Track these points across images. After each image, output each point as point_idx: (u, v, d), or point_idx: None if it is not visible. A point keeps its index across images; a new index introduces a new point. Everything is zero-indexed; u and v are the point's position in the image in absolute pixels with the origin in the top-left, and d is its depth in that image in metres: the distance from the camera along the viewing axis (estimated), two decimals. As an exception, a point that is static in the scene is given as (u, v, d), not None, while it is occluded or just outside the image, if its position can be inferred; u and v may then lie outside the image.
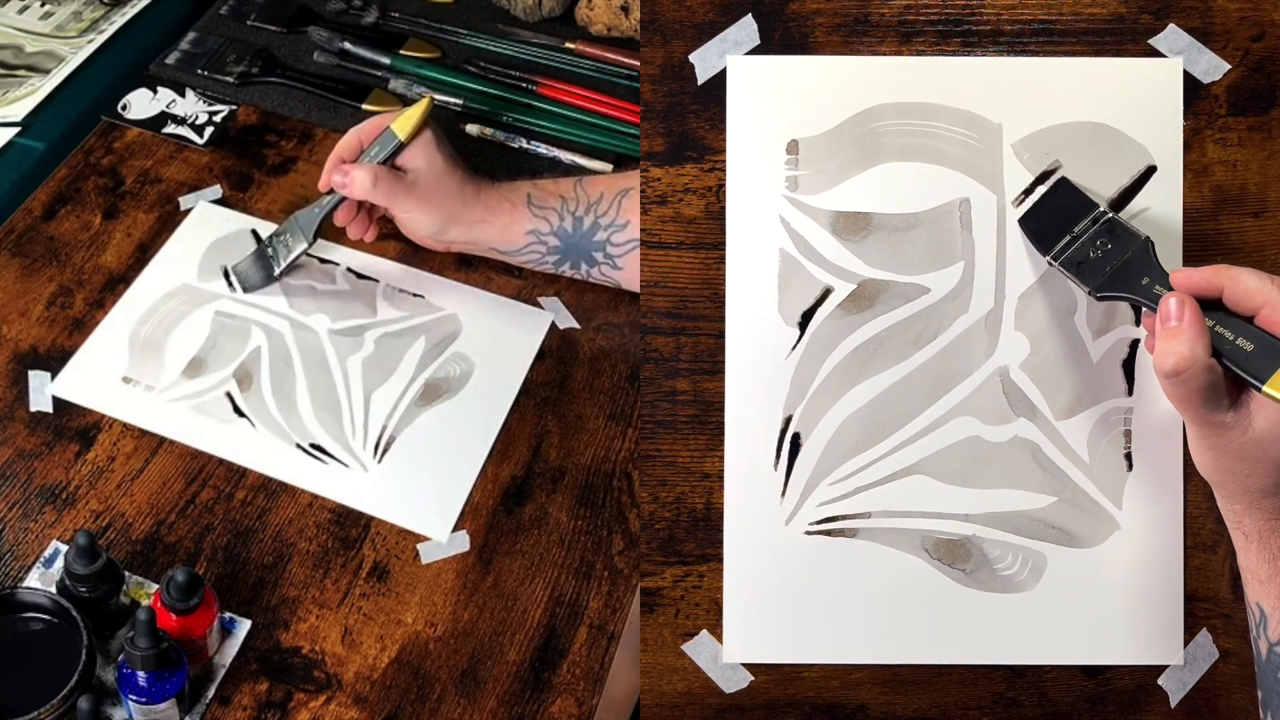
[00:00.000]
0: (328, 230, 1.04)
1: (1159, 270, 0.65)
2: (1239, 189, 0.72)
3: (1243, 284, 0.61)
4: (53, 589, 0.77)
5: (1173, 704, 0.74)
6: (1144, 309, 0.66)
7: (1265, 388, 0.59)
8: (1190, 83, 0.72)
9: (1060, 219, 0.69)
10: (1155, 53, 0.72)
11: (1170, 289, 0.63)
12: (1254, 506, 0.63)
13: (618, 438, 0.93)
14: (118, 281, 0.99)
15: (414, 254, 1.03)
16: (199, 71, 1.16)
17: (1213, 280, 0.62)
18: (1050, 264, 0.69)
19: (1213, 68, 0.72)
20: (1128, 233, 0.67)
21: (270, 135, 1.12)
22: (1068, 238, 0.68)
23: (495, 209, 0.95)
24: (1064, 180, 0.70)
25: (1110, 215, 0.67)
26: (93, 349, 0.94)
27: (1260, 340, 0.60)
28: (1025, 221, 0.71)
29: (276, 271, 0.98)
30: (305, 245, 0.97)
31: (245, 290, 0.98)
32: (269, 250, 0.99)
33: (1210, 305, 0.62)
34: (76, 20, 1.21)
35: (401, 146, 0.94)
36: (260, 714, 0.77)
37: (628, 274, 0.96)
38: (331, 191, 0.97)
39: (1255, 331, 0.60)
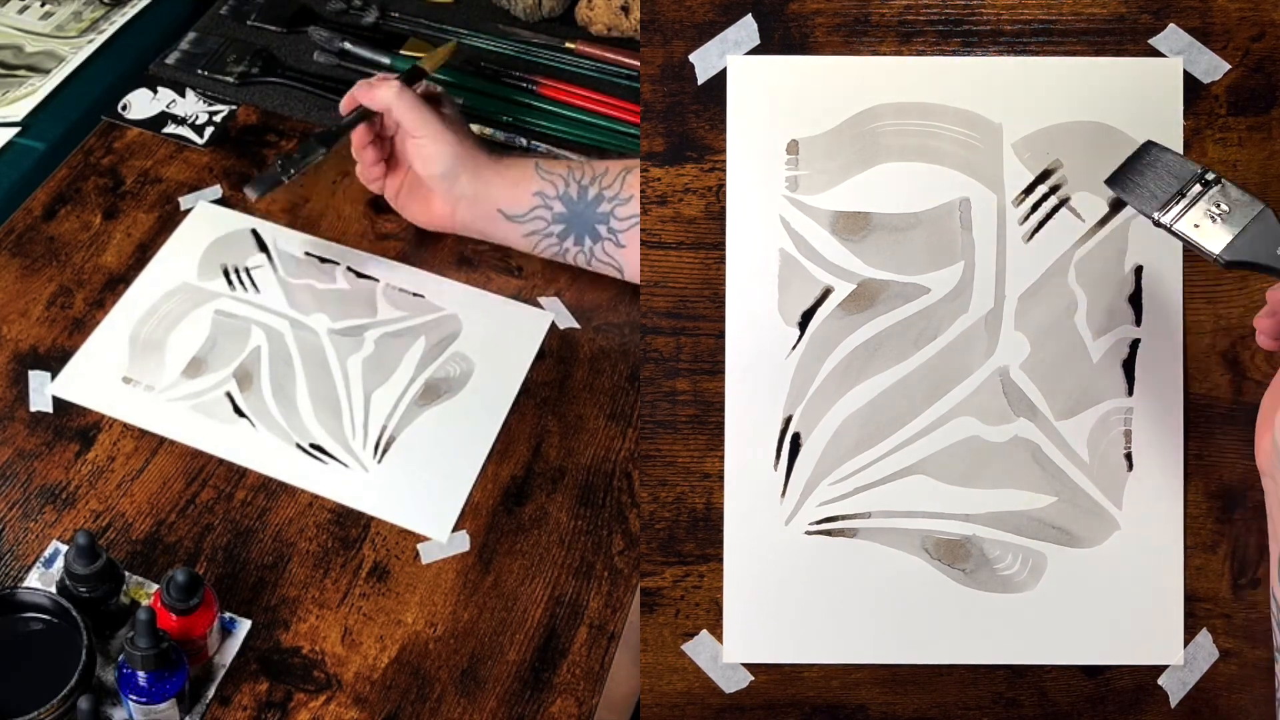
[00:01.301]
0: (326, 230, 1.04)
1: None
2: (1239, 189, 0.72)
3: None
4: (53, 589, 0.77)
5: (1173, 704, 0.74)
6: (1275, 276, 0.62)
7: None
8: (1190, 83, 0.72)
9: (1162, 178, 0.65)
10: (1155, 53, 0.72)
11: None
12: None
13: (618, 438, 0.93)
14: (118, 281, 0.99)
15: (414, 254, 1.03)
16: (199, 71, 1.16)
17: None
18: (1159, 225, 0.64)
19: (1213, 68, 0.72)
20: (1245, 197, 0.63)
21: (270, 135, 1.12)
22: (1178, 198, 0.64)
23: (504, 166, 0.96)
24: (1151, 143, 0.66)
25: (1220, 176, 0.64)
26: (93, 349, 0.94)
27: None
28: (1117, 182, 0.66)
29: (284, 175, 0.97)
30: (324, 153, 0.97)
31: (256, 195, 0.97)
32: (278, 165, 0.97)
33: None
34: (76, 20, 1.21)
35: (424, 75, 0.98)
36: (260, 714, 0.77)
37: (630, 253, 0.95)
38: (350, 114, 0.98)
39: None
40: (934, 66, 0.72)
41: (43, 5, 1.22)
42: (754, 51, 0.71)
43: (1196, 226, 0.63)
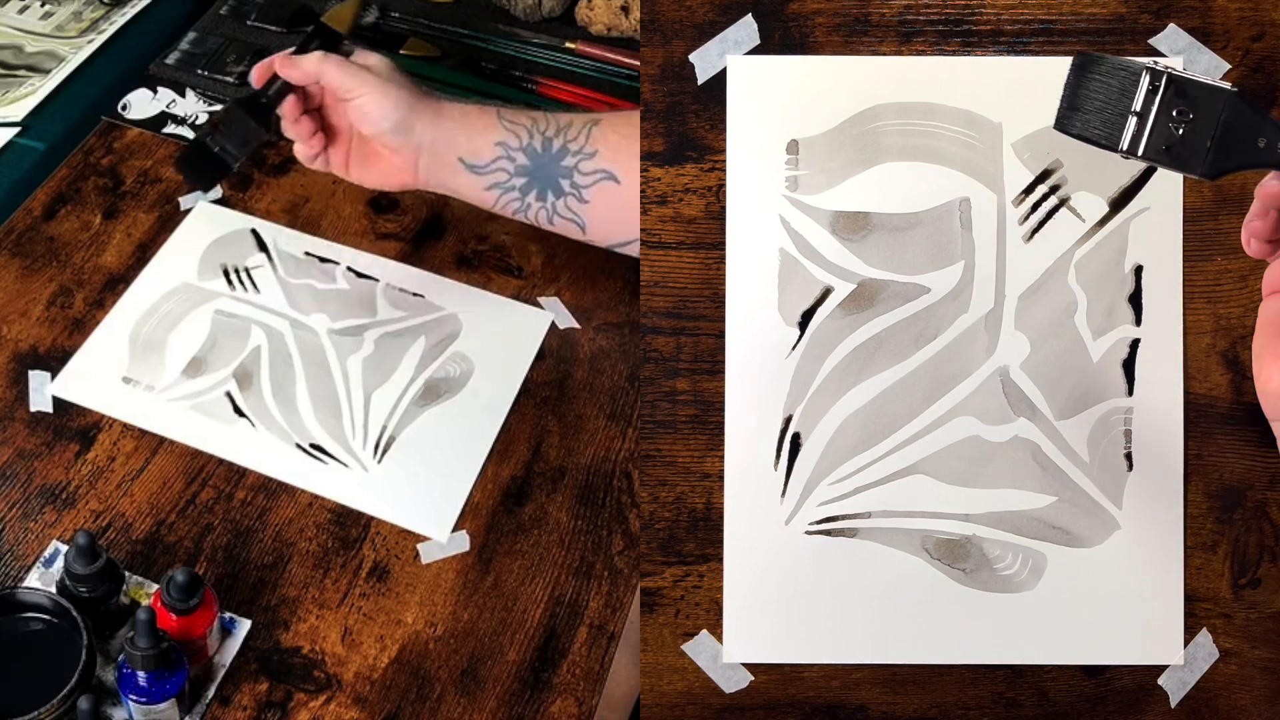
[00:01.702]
0: (326, 230, 1.04)
1: (1269, 122, 0.52)
2: (1239, 189, 0.72)
3: None
4: (53, 589, 0.77)
5: (1173, 704, 0.74)
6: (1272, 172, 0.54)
7: None
8: (1190, 82, 0.72)
9: (1108, 100, 0.54)
10: (1155, 53, 0.71)
11: None
12: None
13: (618, 438, 0.93)
14: (118, 281, 0.99)
15: (414, 254, 1.03)
16: (199, 71, 1.16)
17: None
18: (1127, 157, 0.54)
19: (1213, 68, 0.72)
20: (1205, 89, 0.53)
21: (270, 135, 1.12)
22: (1133, 120, 0.54)
23: (463, 112, 0.91)
24: (1082, 56, 0.56)
25: (1168, 72, 0.53)
26: (93, 349, 0.94)
27: None
28: (1065, 123, 0.56)
29: (235, 162, 0.91)
30: (264, 134, 0.91)
31: (203, 188, 0.91)
32: (211, 146, 0.91)
33: None
34: (76, 20, 1.21)
35: (340, 38, 0.90)
36: (260, 714, 0.77)
37: (593, 209, 0.91)
38: (269, 83, 0.90)
39: None
40: (934, 66, 0.72)
41: (43, 5, 1.22)
42: (754, 51, 0.71)
43: (1167, 149, 0.53)
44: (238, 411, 0.92)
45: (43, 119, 1.11)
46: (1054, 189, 0.72)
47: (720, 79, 0.71)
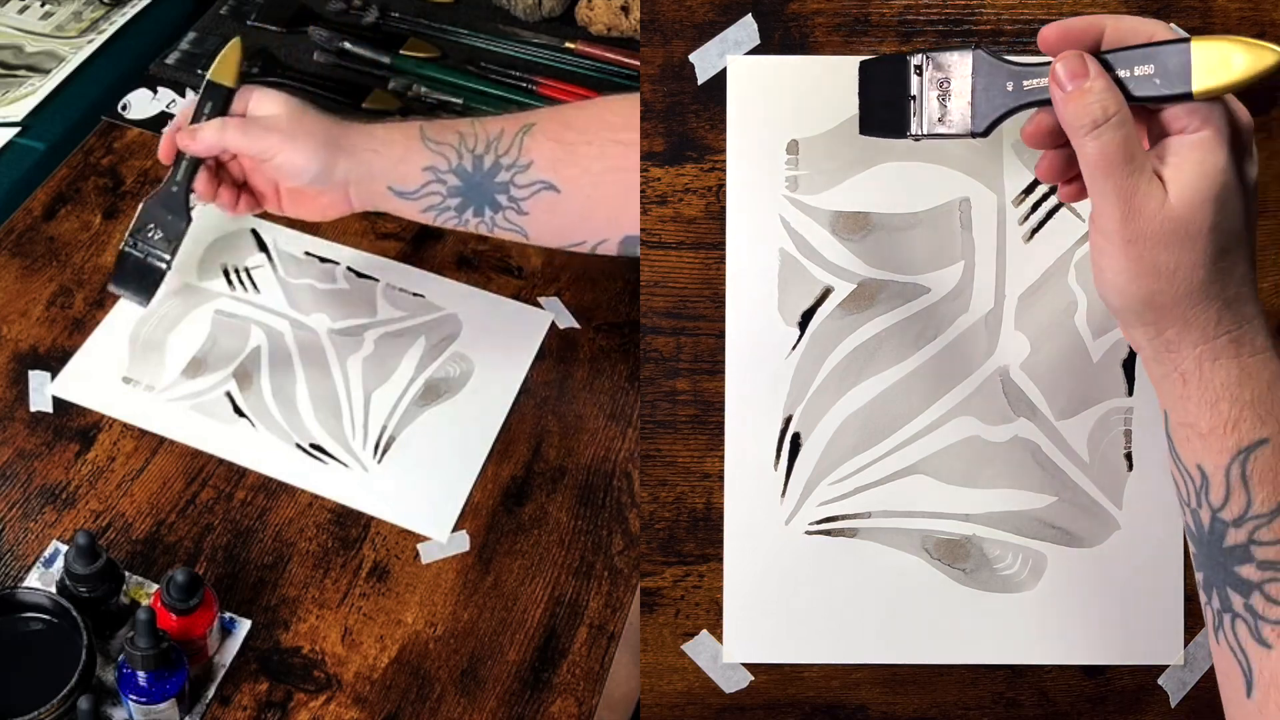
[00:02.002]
0: (326, 230, 1.04)
1: (1016, 65, 0.57)
2: (1239, 189, 0.72)
3: (1126, 22, 0.55)
4: (53, 589, 0.77)
5: (1173, 704, 0.74)
6: (1032, 110, 0.58)
7: (1195, 90, 0.52)
8: (1190, 83, 0.71)
9: (892, 95, 0.61)
10: (1155, 53, 0.71)
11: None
12: (1187, 324, 0.54)
13: (618, 438, 0.93)
14: (118, 281, 0.99)
15: (414, 254, 1.03)
16: (199, 71, 1.16)
17: (1092, 25, 0.56)
18: (917, 140, 0.61)
19: (1213, 68, 0.71)
20: (955, 56, 0.59)
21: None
22: (910, 104, 0.60)
23: (385, 138, 0.86)
24: (863, 64, 0.63)
25: (923, 54, 0.60)
26: (93, 349, 0.94)
27: (1162, 56, 0.53)
28: (865, 126, 0.64)
29: (166, 264, 0.88)
30: (187, 224, 0.88)
31: (143, 302, 0.89)
32: (138, 254, 0.88)
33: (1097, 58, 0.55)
34: (76, 20, 1.21)
35: (231, 93, 0.86)
36: (260, 714, 0.77)
37: (534, 220, 0.86)
38: (178, 162, 0.87)
39: (1151, 51, 0.53)
40: (934, 66, 0.71)
41: (43, 5, 1.22)
42: (754, 51, 0.71)
43: (942, 120, 0.59)
44: (238, 411, 0.92)
45: (43, 119, 1.11)
46: (1054, 189, 0.72)
47: (720, 79, 0.71)
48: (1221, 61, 0.52)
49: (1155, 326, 0.56)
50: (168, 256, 0.88)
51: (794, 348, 0.72)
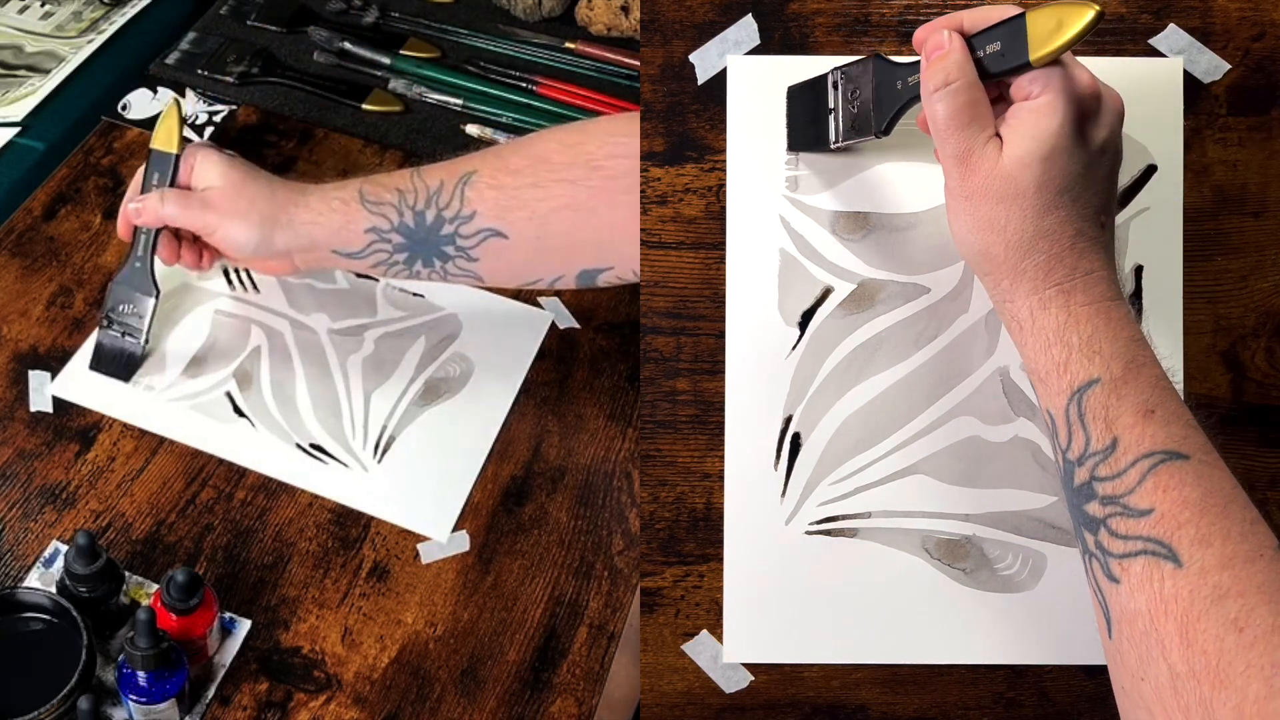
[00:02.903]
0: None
1: (904, 64, 0.63)
2: (1239, 189, 0.72)
3: (980, 11, 0.60)
4: (53, 589, 0.77)
5: (1173, 704, 0.74)
6: (918, 102, 0.62)
7: (1032, 57, 0.56)
8: (1190, 83, 0.72)
9: (813, 113, 0.68)
10: (1155, 53, 0.71)
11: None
12: (1019, 275, 0.59)
13: (618, 438, 0.93)
14: (118, 281, 0.99)
15: (414, 254, 1.03)
16: (199, 71, 1.16)
17: (952, 20, 0.60)
18: (835, 148, 0.67)
19: (1213, 68, 0.72)
20: (859, 66, 0.65)
21: (270, 135, 1.12)
22: (830, 117, 0.67)
23: (324, 208, 0.85)
24: (789, 89, 0.70)
25: (834, 69, 0.66)
26: (93, 349, 0.94)
27: (1004, 33, 0.58)
28: (791, 142, 0.70)
29: (141, 345, 0.92)
30: (155, 299, 0.91)
31: (125, 379, 0.91)
32: (115, 334, 0.92)
33: None
34: (76, 20, 1.21)
35: (175, 158, 0.87)
36: (260, 714, 0.77)
37: (485, 265, 0.86)
38: (136, 236, 0.90)
39: (996, 30, 0.58)
40: (934, 66, 0.71)
41: (43, 5, 1.22)
42: (754, 51, 0.71)
43: (854, 126, 0.65)
44: (238, 411, 0.92)
45: (43, 119, 1.11)
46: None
47: (720, 79, 0.71)
48: (1053, 27, 0.56)
49: (993, 277, 0.61)
50: (142, 335, 0.92)
51: (794, 348, 0.72)
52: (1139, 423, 0.57)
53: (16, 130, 1.09)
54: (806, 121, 0.68)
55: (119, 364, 0.92)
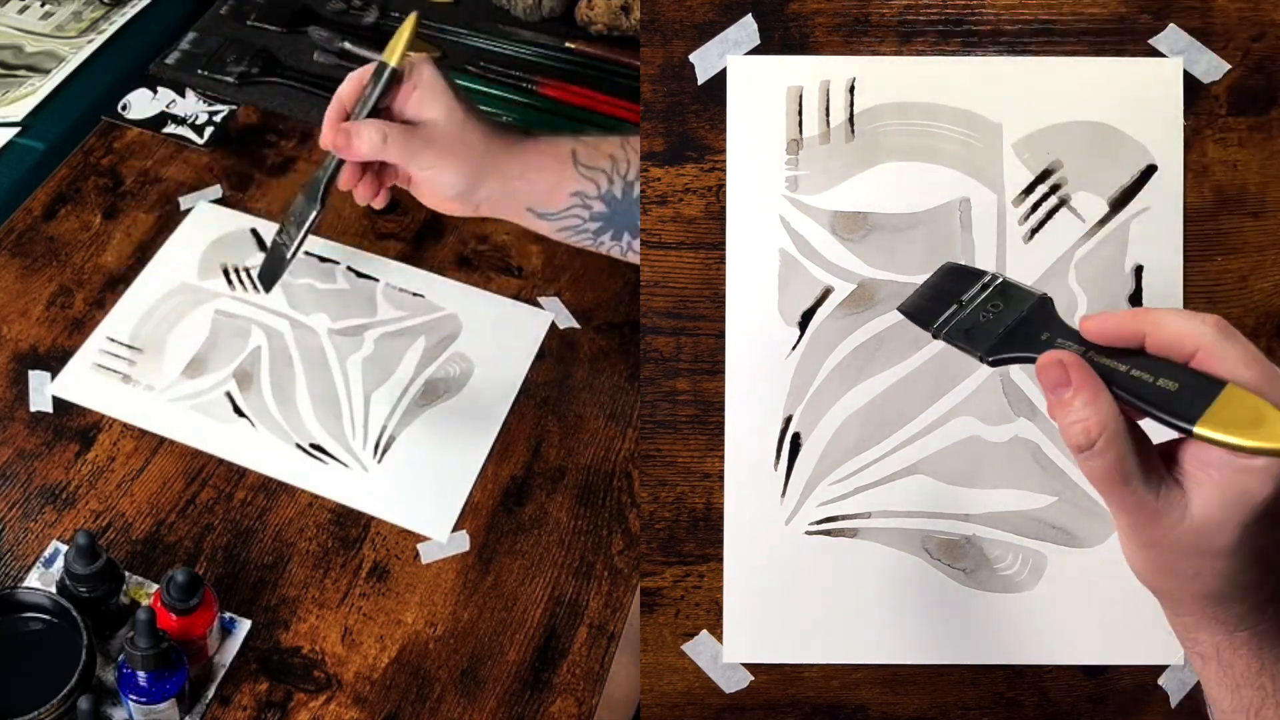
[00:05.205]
0: (326, 229, 1.04)
1: (1060, 324, 0.55)
2: (1239, 189, 0.72)
3: (1169, 329, 0.50)
4: (53, 589, 0.77)
5: (1173, 704, 0.74)
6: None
7: (1196, 429, 0.47)
8: (1190, 83, 0.72)
9: (946, 293, 0.60)
10: (1155, 53, 0.71)
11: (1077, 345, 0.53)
12: (1206, 617, 0.52)
13: (618, 438, 0.93)
14: (118, 281, 0.99)
15: (414, 254, 1.03)
16: (199, 71, 1.16)
17: (1131, 326, 0.51)
18: (936, 338, 0.59)
19: (1213, 68, 0.72)
20: (1022, 292, 0.58)
21: (270, 135, 1.12)
22: (954, 307, 0.59)
23: (535, 164, 0.81)
24: (950, 264, 0.62)
25: (1003, 278, 0.59)
26: (93, 349, 0.94)
27: (1188, 379, 0.49)
28: (907, 307, 0.61)
29: (289, 254, 0.85)
30: (316, 212, 0.83)
31: (267, 288, 0.87)
32: (281, 238, 0.86)
33: (1129, 354, 0.51)
34: (76, 20, 1.21)
35: (397, 74, 0.82)
36: (260, 714, 0.77)
37: None
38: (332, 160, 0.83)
39: (1182, 370, 0.49)
40: (934, 66, 0.71)
41: (43, 5, 1.22)
42: (754, 51, 0.71)
43: (968, 331, 0.58)
44: (238, 411, 0.92)
45: (43, 119, 1.11)
46: (1054, 189, 0.72)
47: (720, 79, 0.71)
48: (1245, 420, 0.47)
49: (1172, 611, 0.54)
50: (294, 244, 0.84)
51: (794, 348, 0.72)
52: None
53: (16, 130, 1.09)
54: (934, 294, 0.61)
55: (267, 269, 0.86)
